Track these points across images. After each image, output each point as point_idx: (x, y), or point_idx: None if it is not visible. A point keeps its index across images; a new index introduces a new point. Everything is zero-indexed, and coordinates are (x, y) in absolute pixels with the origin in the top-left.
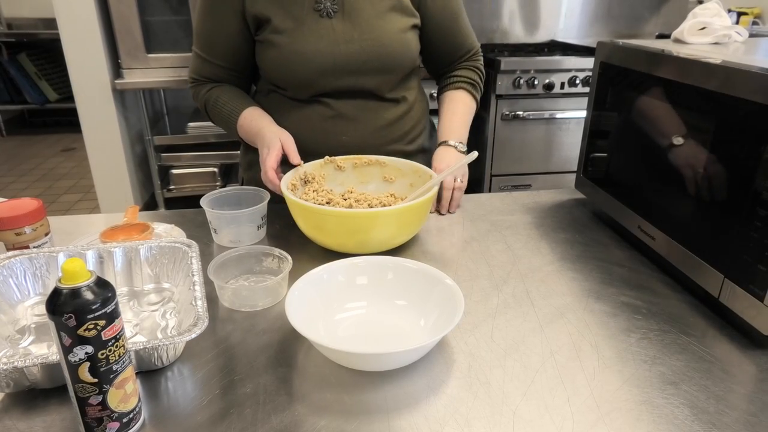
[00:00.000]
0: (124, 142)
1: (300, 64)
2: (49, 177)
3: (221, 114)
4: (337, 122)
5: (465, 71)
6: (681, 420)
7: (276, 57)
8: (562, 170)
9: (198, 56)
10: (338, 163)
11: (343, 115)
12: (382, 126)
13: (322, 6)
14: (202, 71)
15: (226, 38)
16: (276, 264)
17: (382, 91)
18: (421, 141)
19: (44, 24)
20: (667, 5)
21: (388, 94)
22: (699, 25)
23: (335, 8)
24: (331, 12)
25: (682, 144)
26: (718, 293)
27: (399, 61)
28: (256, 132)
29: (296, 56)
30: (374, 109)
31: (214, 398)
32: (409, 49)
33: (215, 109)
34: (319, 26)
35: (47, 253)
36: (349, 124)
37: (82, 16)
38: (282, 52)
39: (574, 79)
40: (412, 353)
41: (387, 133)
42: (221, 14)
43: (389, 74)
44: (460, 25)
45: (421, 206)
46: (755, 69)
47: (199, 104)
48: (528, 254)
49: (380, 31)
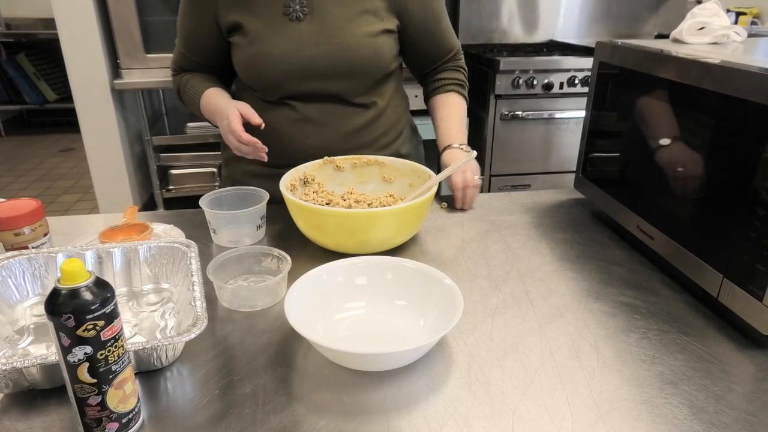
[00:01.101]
0: (123, 143)
1: (267, 66)
2: (48, 177)
3: (188, 96)
4: (302, 126)
5: (451, 72)
6: (680, 419)
7: (244, 59)
8: (561, 170)
9: (179, 50)
10: (337, 163)
11: (308, 119)
12: (349, 132)
13: (291, 9)
14: (182, 64)
15: (203, 39)
16: (275, 264)
17: (349, 96)
18: (396, 147)
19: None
20: (665, 5)
21: (357, 99)
22: (698, 25)
23: (304, 11)
24: (300, 15)
25: (681, 144)
26: (717, 293)
27: (367, 66)
28: (214, 109)
29: (263, 58)
30: (341, 114)
31: (213, 398)
32: (379, 54)
33: (185, 93)
34: (287, 29)
35: (46, 253)
36: (315, 128)
37: (81, 16)
38: (250, 54)
39: (573, 79)
40: (411, 353)
41: (353, 139)
42: (198, 16)
43: (357, 79)
44: (443, 26)
45: (419, 206)
46: (754, 69)
47: (175, 88)
48: (527, 254)
49: (348, 36)
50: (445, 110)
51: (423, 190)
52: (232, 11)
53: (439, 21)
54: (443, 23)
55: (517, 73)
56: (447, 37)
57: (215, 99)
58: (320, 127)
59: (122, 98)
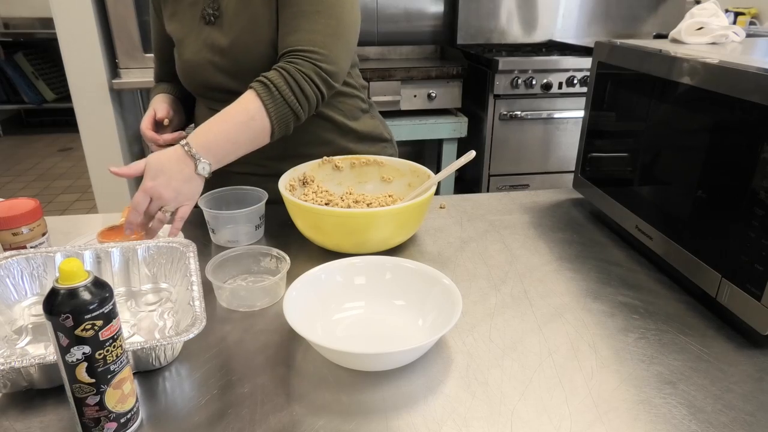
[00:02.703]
0: (122, 142)
1: (190, 73)
2: (46, 177)
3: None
4: None
5: (273, 68)
6: (678, 419)
7: (178, 69)
8: (560, 170)
9: (154, 59)
10: (336, 163)
11: None
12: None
13: (204, 13)
14: (158, 74)
15: (163, 43)
16: (274, 264)
17: None
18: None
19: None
20: (664, 5)
21: None
22: (696, 25)
23: (216, 14)
24: (212, 18)
25: (679, 144)
26: (716, 293)
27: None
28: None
29: (186, 66)
30: None
31: (211, 398)
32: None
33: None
34: (202, 34)
35: (44, 253)
36: None
37: (79, 15)
38: (179, 63)
39: (572, 79)
40: (410, 353)
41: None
42: (156, 23)
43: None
44: (297, 21)
45: (418, 206)
46: (752, 69)
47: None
48: (526, 254)
49: (251, 36)
50: (223, 112)
51: (422, 190)
52: (167, 15)
53: (294, 16)
54: (299, 19)
55: (515, 73)
56: (291, 32)
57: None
58: None
59: (121, 98)
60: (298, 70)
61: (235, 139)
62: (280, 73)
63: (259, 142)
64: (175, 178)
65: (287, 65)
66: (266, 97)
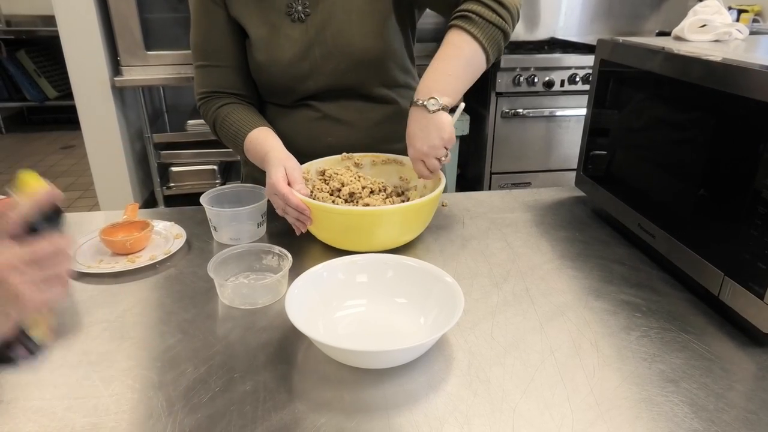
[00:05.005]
0: (124, 140)
1: (277, 72)
2: (49, 174)
3: (228, 134)
4: (323, 124)
5: (463, 4)
6: (680, 418)
7: (256, 68)
8: (562, 168)
9: (199, 69)
10: (356, 160)
11: (328, 117)
12: (369, 126)
13: (293, 10)
14: (206, 81)
15: (221, 36)
16: (276, 262)
17: (366, 90)
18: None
19: (43, 21)
20: (667, 3)
21: (375, 92)
22: (699, 22)
23: (307, 11)
24: (303, 16)
25: (682, 141)
26: (718, 291)
27: (375, 60)
28: (263, 157)
29: (273, 66)
30: (360, 109)
31: (214, 395)
32: (388, 44)
33: (223, 129)
34: (292, 31)
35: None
36: (335, 126)
37: (81, 13)
38: (260, 63)
39: (574, 77)
40: (411, 351)
41: (374, 134)
42: (213, 14)
43: (368, 73)
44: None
45: (425, 205)
46: (755, 66)
47: (209, 123)
48: (528, 252)
49: (352, 31)
50: (434, 58)
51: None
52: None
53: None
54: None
55: (518, 70)
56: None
57: (262, 145)
58: (340, 124)
59: (123, 95)
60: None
61: (464, 78)
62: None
63: (480, 72)
64: (435, 133)
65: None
66: (471, 28)
